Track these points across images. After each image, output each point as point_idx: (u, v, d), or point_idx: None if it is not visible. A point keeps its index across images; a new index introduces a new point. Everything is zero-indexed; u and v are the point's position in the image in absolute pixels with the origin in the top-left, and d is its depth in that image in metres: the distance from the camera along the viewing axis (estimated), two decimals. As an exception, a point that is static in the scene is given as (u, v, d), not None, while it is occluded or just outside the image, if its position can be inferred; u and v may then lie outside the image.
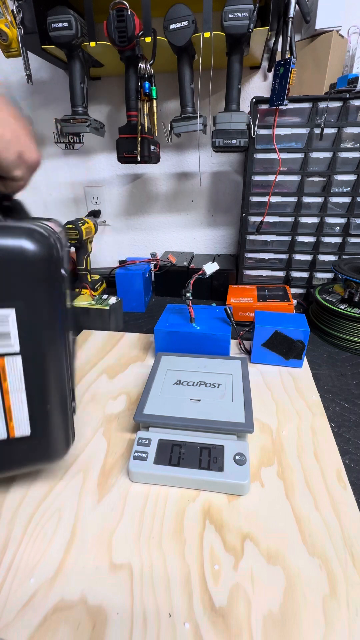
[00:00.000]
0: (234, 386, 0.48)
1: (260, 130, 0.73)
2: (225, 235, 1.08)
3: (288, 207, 0.80)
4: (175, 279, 0.92)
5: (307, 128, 0.72)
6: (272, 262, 0.87)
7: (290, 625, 0.27)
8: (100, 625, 0.27)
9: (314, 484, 0.39)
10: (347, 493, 0.38)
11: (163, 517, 0.36)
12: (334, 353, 0.67)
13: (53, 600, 0.29)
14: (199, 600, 0.29)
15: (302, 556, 0.32)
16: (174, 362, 0.54)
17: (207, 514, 0.36)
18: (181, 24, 0.64)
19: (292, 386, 0.56)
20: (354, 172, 0.74)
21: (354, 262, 0.75)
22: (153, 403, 0.45)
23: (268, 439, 0.45)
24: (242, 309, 0.76)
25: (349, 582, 0.30)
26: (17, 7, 0.69)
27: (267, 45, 0.79)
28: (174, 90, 0.84)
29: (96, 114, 0.97)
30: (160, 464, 0.39)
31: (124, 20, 0.64)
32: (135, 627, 0.27)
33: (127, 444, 0.45)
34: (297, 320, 0.60)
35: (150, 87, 0.71)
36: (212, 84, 0.73)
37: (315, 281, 0.86)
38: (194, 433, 0.42)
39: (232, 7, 0.62)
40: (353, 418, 0.50)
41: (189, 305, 0.61)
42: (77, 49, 0.72)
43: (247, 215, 0.82)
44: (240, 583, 0.30)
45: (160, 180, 1.03)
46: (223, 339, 0.59)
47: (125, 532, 0.34)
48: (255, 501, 0.37)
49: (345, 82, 0.69)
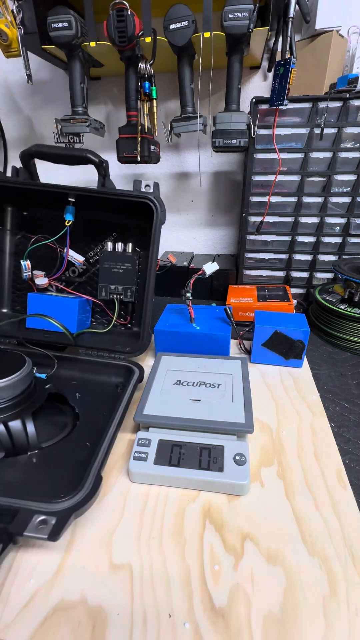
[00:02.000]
0: (233, 386, 0.48)
1: (260, 130, 0.73)
2: (225, 235, 1.08)
3: (288, 207, 0.80)
4: (175, 279, 0.92)
5: (307, 128, 0.72)
6: (272, 262, 0.87)
7: (290, 625, 0.27)
8: (100, 626, 0.27)
9: (314, 484, 0.39)
10: (347, 493, 0.38)
11: (163, 517, 0.36)
12: (334, 353, 0.67)
13: (53, 601, 0.29)
14: (199, 600, 0.29)
15: (302, 556, 0.32)
16: (174, 362, 0.54)
17: (207, 514, 0.36)
18: (181, 24, 0.64)
19: (292, 386, 0.56)
20: (354, 172, 0.74)
21: (354, 262, 0.75)
22: (153, 403, 0.45)
23: (268, 439, 0.45)
24: (242, 309, 0.76)
25: (349, 582, 0.30)
26: (17, 7, 0.68)
27: (267, 45, 0.79)
28: (174, 90, 0.84)
29: (96, 114, 0.97)
30: (160, 464, 0.39)
31: (124, 20, 0.64)
32: (135, 627, 0.27)
33: (127, 444, 0.45)
34: (297, 320, 0.60)
35: (150, 87, 0.71)
36: (212, 84, 0.73)
37: (315, 281, 0.86)
38: (194, 433, 0.42)
39: (232, 7, 0.62)
40: (353, 418, 0.50)
41: (189, 305, 0.61)
42: (77, 49, 0.72)
43: (247, 215, 0.82)
44: (240, 583, 0.30)
45: (160, 180, 1.03)
46: (223, 339, 0.59)
47: (125, 532, 0.34)
48: (255, 501, 0.37)
49: (345, 82, 0.69)
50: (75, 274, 0.66)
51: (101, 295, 0.63)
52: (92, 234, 0.64)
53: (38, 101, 0.99)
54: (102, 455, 0.39)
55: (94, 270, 0.65)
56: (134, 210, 0.58)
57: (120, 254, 0.62)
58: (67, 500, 0.33)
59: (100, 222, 0.63)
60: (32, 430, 0.42)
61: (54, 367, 0.55)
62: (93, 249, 0.64)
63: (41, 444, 0.43)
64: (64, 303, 0.61)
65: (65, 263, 0.62)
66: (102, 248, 0.63)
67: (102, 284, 0.63)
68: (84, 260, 0.63)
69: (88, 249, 0.64)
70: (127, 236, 0.63)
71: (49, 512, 0.32)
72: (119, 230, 0.63)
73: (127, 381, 0.53)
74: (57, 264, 0.64)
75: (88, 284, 0.66)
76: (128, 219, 0.62)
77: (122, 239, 0.63)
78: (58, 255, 0.63)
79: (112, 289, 0.62)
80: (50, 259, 0.64)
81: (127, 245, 0.62)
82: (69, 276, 0.66)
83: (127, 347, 0.60)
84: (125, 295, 0.62)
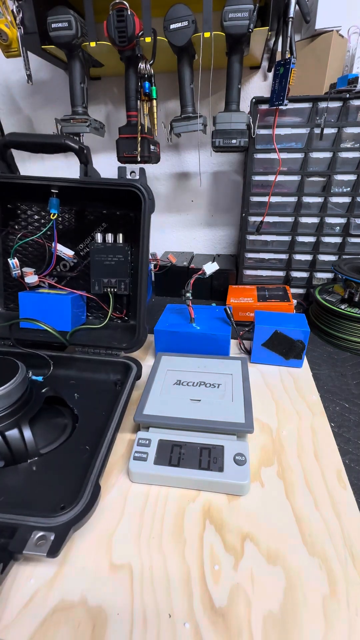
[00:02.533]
0: (234, 386, 0.48)
1: (260, 130, 0.73)
2: (225, 235, 1.08)
3: (288, 207, 0.80)
4: (175, 279, 0.92)
5: (307, 128, 0.72)
6: (272, 262, 0.87)
7: (290, 625, 0.27)
8: (100, 626, 0.27)
9: (314, 484, 0.39)
10: (347, 493, 0.38)
11: (163, 517, 0.36)
12: (334, 353, 0.67)
13: (53, 601, 0.29)
14: (199, 600, 0.29)
15: (302, 556, 0.32)
16: (174, 362, 0.54)
17: (207, 514, 0.36)
18: (181, 24, 0.64)
19: (292, 386, 0.56)
20: (354, 172, 0.74)
21: (354, 262, 0.75)
22: (153, 403, 0.45)
23: (268, 439, 0.45)
24: (242, 309, 0.76)
25: (349, 582, 0.30)
26: (17, 7, 0.68)
27: (267, 45, 0.79)
28: (174, 90, 0.84)
29: (96, 114, 0.97)
30: (160, 464, 0.39)
31: (124, 20, 0.64)
32: (135, 627, 0.27)
33: (127, 444, 0.45)
34: (297, 320, 0.60)
35: (150, 87, 0.71)
36: (212, 84, 0.73)
37: (315, 281, 0.86)
38: (194, 433, 0.42)
39: (232, 7, 0.62)
40: (353, 418, 0.50)
41: (189, 305, 0.61)
42: (77, 49, 0.72)
43: (247, 215, 0.82)
44: (240, 583, 0.30)
45: (160, 180, 1.03)
46: (223, 339, 0.59)
47: (125, 532, 0.34)
48: (255, 501, 0.37)
49: (345, 82, 0.69)
50: (67, 269, 0.64)
51: (94, 290, 0.61)
52: (81, 226, 0.62)
53: (38, 101, 0.99)
54: (100, 462, 0.38)
55: (85, 263, 0.63)
56: (121, 200, 0.57)
57: (111, 245, 0.60)
58: (65, 514, 0.33)
59: (88, 213, 0.61)
60: (30, 438, 0.41)
61: (50, 368, 0.54)
62: (83, 242, 0.62)
63: (40, 450, 0.42)
64: (57, 301, 0.60)
65: (54, 258, 0.61)
66: (92, 240, 0.62)
67: (94, 278, 0.61)
68: (74, 254, 0.62)
69: (78, 242, 0.62)
70: (116, 226, 0.61)
71: (48, 528, 0.31)
72: (107, 220, 0.61)
73: (126, 378, 0.53)
74: (46, 259, 0.62)
75: (81, 278, 0.64)
76: (116, 208, 0.60)
77: (112, 230, 0.61)
78: (47, 251, 0.62)
79: (106, 282, 0.61)
80: (40, 255, 0.63)
81: (117, 236, 0.61)
82: (60, 271, 0.64)
83: (123, 342, 0.59)
84: (119, 288, 0.61)
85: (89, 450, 0.42)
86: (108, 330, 0.63)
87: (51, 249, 0.61)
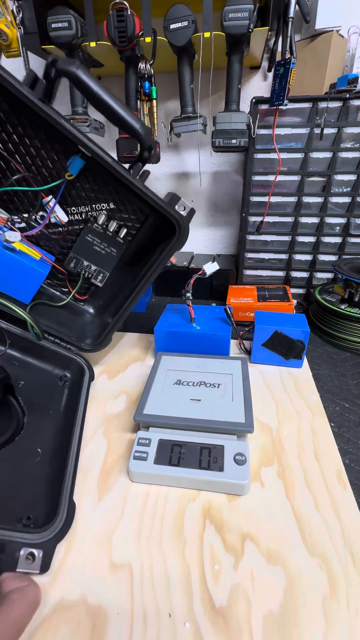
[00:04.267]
0: (234, 386, 0.48)
1: (260, 130, 0.73)
2: (225, 235, 1.08)
3: (288, 207, 0.80)
4: (175, 279, 0.92)
5: (307, 128, 0.72)
6: (272, 262, 0.87)
7: (290, 625, 0.27)
8: (100, 625, 0.27)
9: (314, 484, 0.39)
10: (347, 493, 0.38)
11: (163, 517, 0.36)
12: (334, 353, 0.67)
13: (53, 600, 0.29)
14: (199, 600, 0.29)
15: (302, 556, 0.32)
16: (174, 362, 0.54)
17: (207, 514, 0.36)
18: (181, 24, 0.64)
19: (292, 386, 0.56)
20: (354, 172, 0.74)
21: (354, 262, 0.75)
22: (153, 403, 0.45)
23: (268, 439, 0.45)
24: (242, 309, 0.76)
25: (349, 582, 0.30)
26: (17, 7, 0.68)
27: (267, 45, 0.79)
28: (174, 90, 0.84)
29: (96, 113, 0.97)
30: (160, 464, 0.39)
31: (124, 20, 0.64)
32: (135, 627, 0.27)
33: (127, 444, 0.45)
34: (297, 320, 0.60)
35: (150, 87, 0.71)
36: (212, 84, 0.73)
37: (315, 281, 0.86)
38: (194, 433, 0.42)
39: (232, 7, 0.62)
40: (353, 418, 0.50)
41: (189, 305, 0.61)
42: (77, 49, 0.72)
43: (247, 215, 0.82)
44: (240, 583, 0.30)
45: (160, 180, 1.03)
46: (223, 339, 0.59)
47: (125, 532, 0.34)
48: (255, 501, 0.37)
49: (345, 82, 0.69)
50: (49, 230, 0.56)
51: (69, 266, 0.57)
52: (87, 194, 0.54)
53: (38, 101, 0.99)
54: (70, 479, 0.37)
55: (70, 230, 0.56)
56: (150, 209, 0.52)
57: (111, 236, 0.57)
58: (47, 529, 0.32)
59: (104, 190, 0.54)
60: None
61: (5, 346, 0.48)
62: (79, 209, 0.55)
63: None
64: (29, 271, 0.51)
65: (46, 221, 0.54)
66: (91, 214, 0.55)
67: (74, 254, 0.57)
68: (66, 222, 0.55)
69: (74, 206, 0.55)
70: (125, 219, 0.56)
71: (35, 545, 0.31)
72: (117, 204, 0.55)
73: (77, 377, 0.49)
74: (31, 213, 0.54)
75: (57, 243, 0.57)
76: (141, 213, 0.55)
77: (118, 218, 0.56)
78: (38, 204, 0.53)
79: (85, 265, 0.57)
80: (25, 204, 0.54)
81: (121, 230, 0.57)
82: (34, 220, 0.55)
83: (87, 339, 0.56)
84: (95, 277, 0.59)
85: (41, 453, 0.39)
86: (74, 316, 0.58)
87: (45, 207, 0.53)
